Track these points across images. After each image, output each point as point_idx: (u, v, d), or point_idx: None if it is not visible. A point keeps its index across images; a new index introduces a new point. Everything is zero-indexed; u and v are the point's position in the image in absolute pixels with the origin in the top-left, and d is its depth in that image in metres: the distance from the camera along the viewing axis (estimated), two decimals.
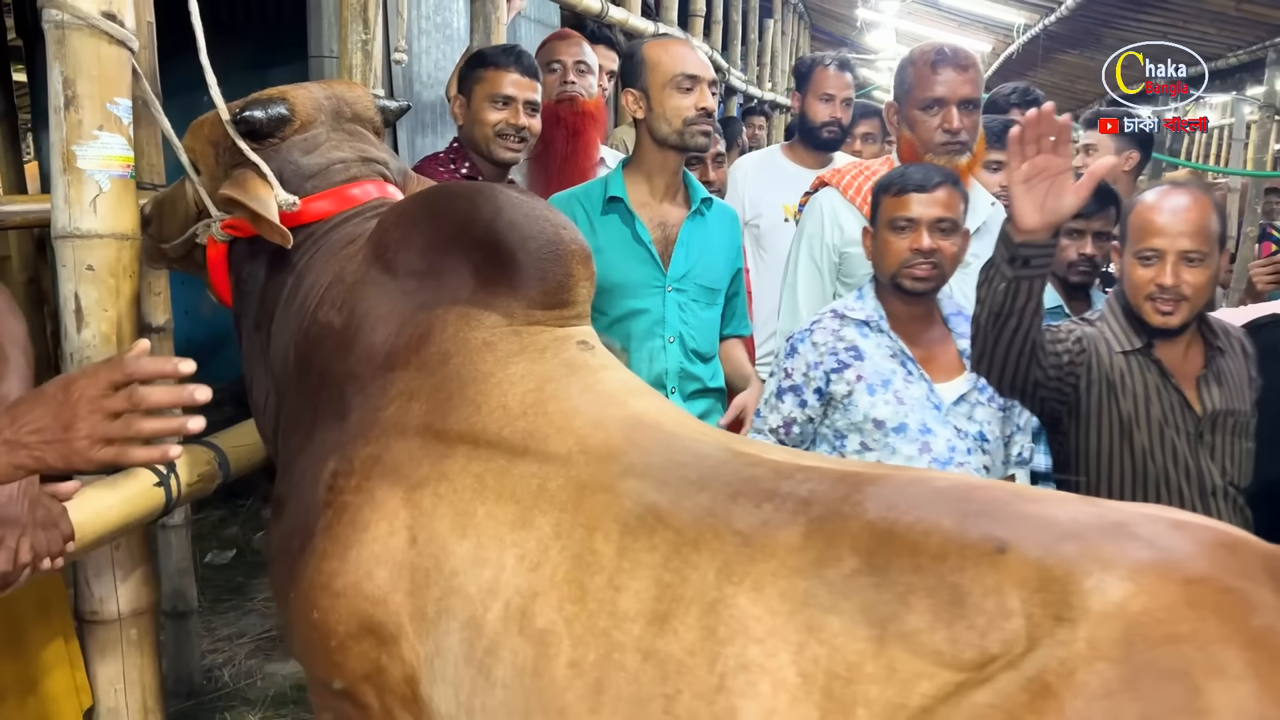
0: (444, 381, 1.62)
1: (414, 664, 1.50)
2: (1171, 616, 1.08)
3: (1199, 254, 2.06)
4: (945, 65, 2.54)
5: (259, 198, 1.75)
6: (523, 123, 2.63)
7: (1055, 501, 1.28)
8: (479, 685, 1.43)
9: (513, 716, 1.39)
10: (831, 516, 1.29)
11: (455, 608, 1.47)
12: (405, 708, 1.54)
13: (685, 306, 2.55)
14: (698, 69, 2.50)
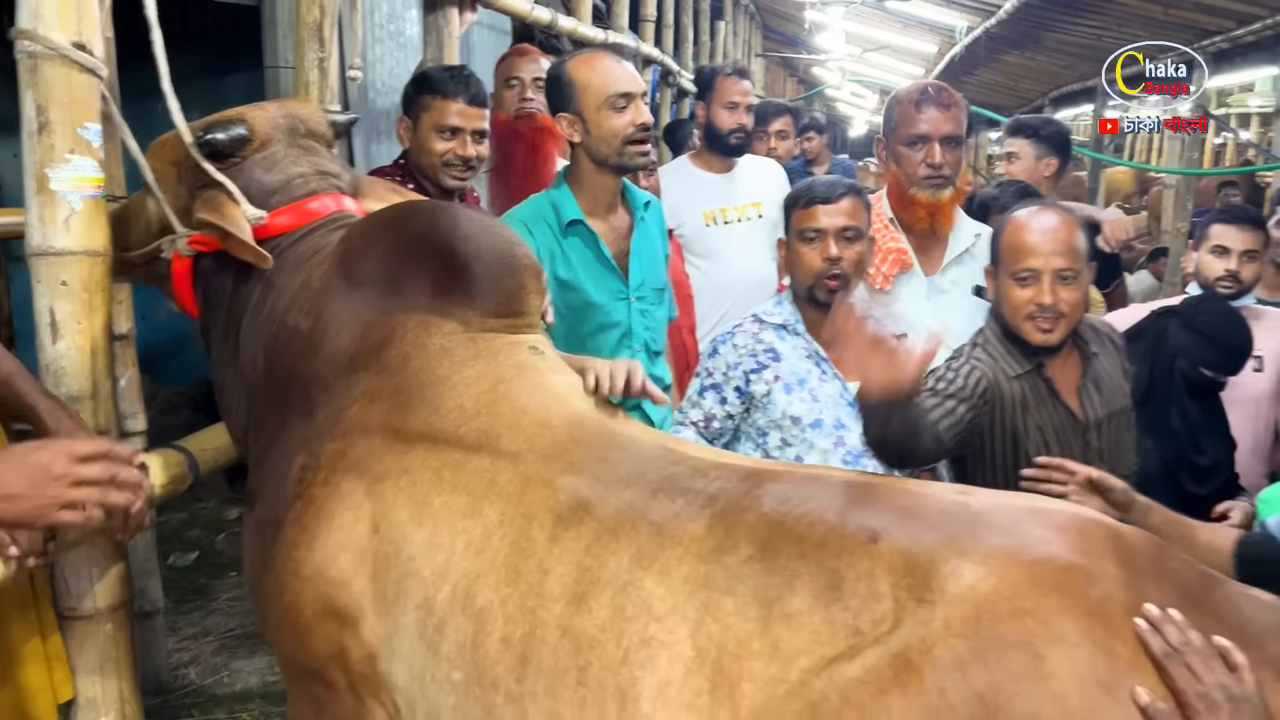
0: (404, 383, 1.74)
1: (374, 643, 1.62)
2: (1017, 594, 1.24)
3: (1072, 271, 2.16)
4: (929, 104, 2.68)
5: (234, 220, 1.85)
6: (470, 153, 2.63)
7: (928, 494, 1.44)
8: (429, 660, 1.56)
9: (455, 688, 1.53)
10: (733, 509, 1.45)
11: (411, 590, 1.59)
12: (366, 685, 1.65)
13: (645, 312, 2.67)
14: (629, 85, 2.50)
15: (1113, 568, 1.28)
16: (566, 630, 1.44)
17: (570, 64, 2.55)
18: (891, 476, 1.78)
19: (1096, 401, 2.26)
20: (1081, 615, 1.22)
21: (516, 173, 3.08)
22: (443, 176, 2.65)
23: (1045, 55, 8.92)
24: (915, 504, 1.41)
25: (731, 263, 3.55)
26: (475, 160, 2.67)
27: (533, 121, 3.14)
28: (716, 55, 9.25)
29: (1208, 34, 6.36)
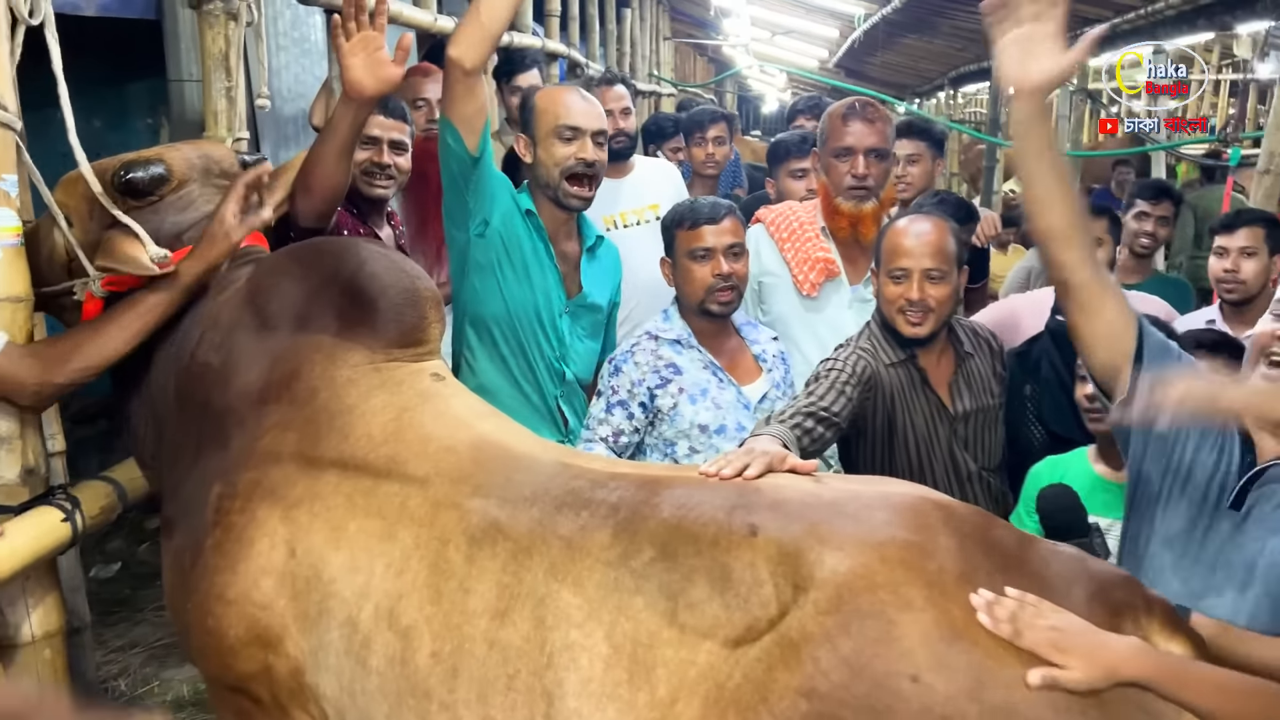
0: (314, 414, 1.87)
1: (299, 658, 1.76)
2: (869, 573, 1.44)
3: (940, 271, 2.36)
4: (855, 118, 2.88)
5: (131, 258, 1.94)
6: (387, 160, 2.73)
7: (791, 487, 1.63)
8: (357, 673, 1.70)
9: (387, 698, 1.67)
10: (634, 517, 1.61)
11: (334, 609, 1.73)
12: (293, 698, 1.79)
13: (582, 331, 2.77)
14: (582, 120, 2.58)
15: (946, 540, 1.48)
16: (494, 643, 1.59)
17: (540, 91, 2.72)
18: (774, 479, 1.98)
19: (966, 396, 2.47)
20: (923, 585, 1.42)
21: (430, 192, 3.13)
22: (363, 185, 2.73)
23: (942, 39, 9.25)
24: (783, 498, 1.60)
25: (632, 265, 3.66)
26: (394, 170, 2.77)
27: None
28: (624, 42, 9.34)
29: (1087, 21, 6.67)
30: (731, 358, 2.60)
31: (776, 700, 1.40)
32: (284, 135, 4.39)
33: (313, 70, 4.76)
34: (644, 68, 10.28)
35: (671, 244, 2.59)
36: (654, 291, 2.99)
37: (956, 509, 1.58)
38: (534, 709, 1.54)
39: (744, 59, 13.95)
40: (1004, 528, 1.60)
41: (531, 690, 1.55)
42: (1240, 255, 3.29)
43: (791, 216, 3.03)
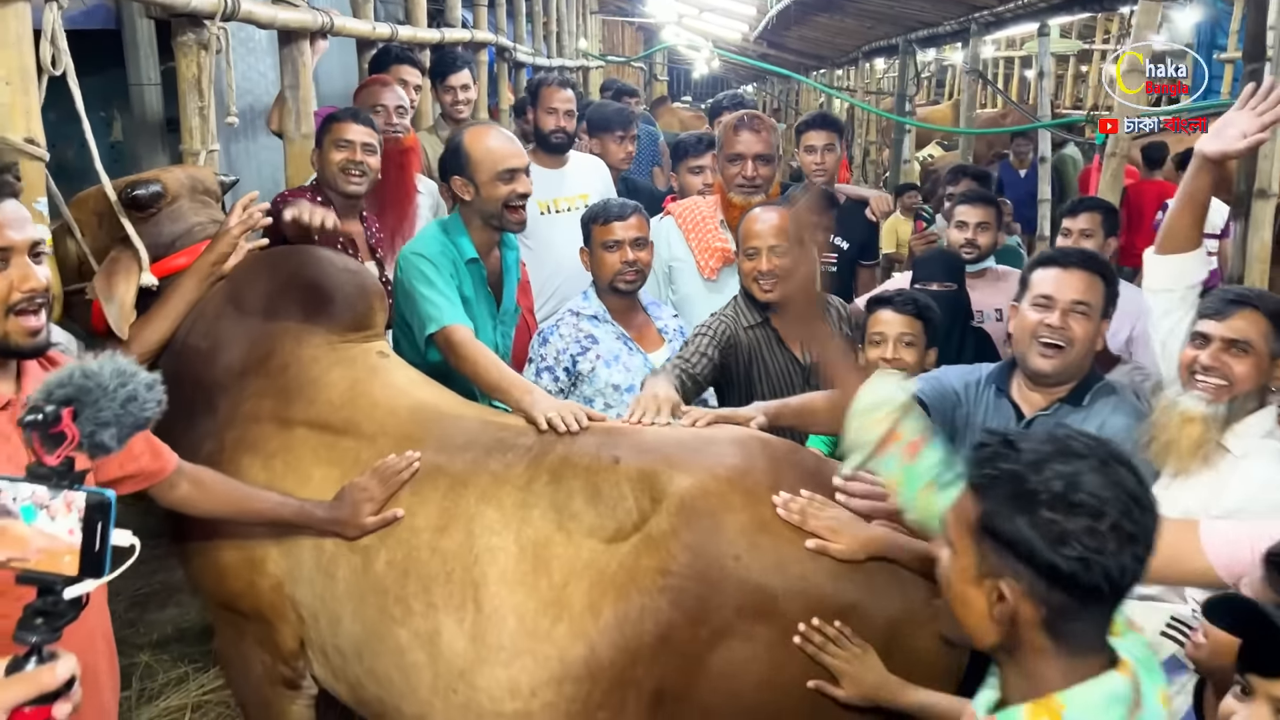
0: (285, 385, 2.37)
1: (279, 575, 2.27)
2: (705, 487, 2.02)
3: (782, 248, 2.91)
4: (744, 129, 3.46)
5: (118, 297, 2.42)
6: (360, 158, 3.15)
7: (649, 430, 2.20)
8: (327, 583, 2.22)
9: (352, 599, 2.19)
10: (540, 456, 2.16)
11: (305, 536, 2.24)
12: (274, 609, 2.30)
13: (505, 334, 3.26)
14: (514, 162, 2.91)
15: (762, 462, 2.08)
16: (435, 550, 2.13)
17: (467, 136, 2.98)
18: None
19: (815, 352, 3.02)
20: (743, 494, 2.01)
21: (387, 186, 3.58)
22: (341, 181, 3.16)
23: (851, 19, 9.80)
24: (642, 437, 2.19)
25: (562, 247, 4.00)
26: (366, 167, 3.21)
27: (399, 144, 3.67)
28: (552, 20, 9.72)
29: (976, 6, 7.25)
30: (639, 330, 3.14)
31: (641, 578, 1.97)
32: (233, 132, 4.80)
33: (257, 67, 5.15)
34: (571, 44, 10.66)
35: (588, 236, 3.11)
36: (576, 270, 3.41)
37: (772, 441, 2.18)
38: (465, 595, 2.08)
39: (672, 32, 14.37)
40: (807, 453, 2.20)
41: (464, 582, 2.09)
42: (1080, 237, 3.82)
43: (695, 211, 3.58)
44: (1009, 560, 1.29)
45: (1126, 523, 1.25)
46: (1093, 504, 1.25)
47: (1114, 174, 5.11)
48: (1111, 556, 1.24)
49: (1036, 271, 2.46)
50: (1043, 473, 1.28)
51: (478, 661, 2.05)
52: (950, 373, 2.60)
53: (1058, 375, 2.38)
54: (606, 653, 1.97)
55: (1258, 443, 2.11)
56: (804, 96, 17.93)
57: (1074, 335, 2.34)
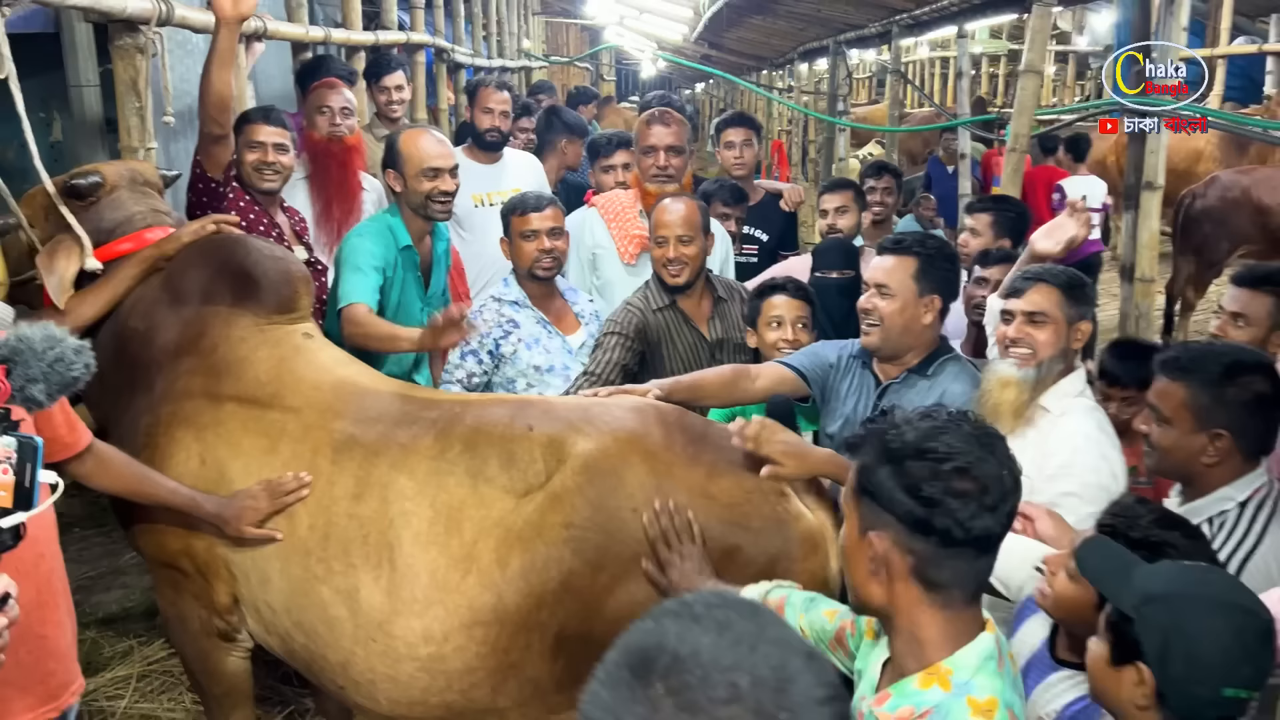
0: (216, 363, 2.58)
1: (212, 535, 2.47)
2: (606, 448, 2.26)
3: (688, 237, 3.16)
4: (655, 123, 3.73)
5: (58, 272, 2.62)
6: (272, 159, 3.35)
7: (559, 403, 2.43)
8: (257, 544, 2.42)
9: (279, 558, 2.40)
10: (448, 427, 2.39)
11: None
12: (208, 567, 2.50)
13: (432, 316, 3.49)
14: (439, 162, 3.23)
15: (656, 427, 2.32)
16: (353, 515, 2.35)
17: (402, 136, 3.33)
18: (549, 397, 2.78)
19: (719, 327, 3.28)
20: (640, 453, 2.26)
21: (331, 182, 3.86)
22: (255, 179, 3.39)
23: (783, 21, 10.11)
24: (551, 407, 2.43)
25: (494, 237, 4.27)
26: (279, 166, 3.42)
27: (342, 143, 3.91)
28: (491, 22, 9.89)
29: (896, 10, 7.57)
30: (557, 315, 3.38)
31: (547, 532, 2.21)
32: (173, 130, 4.94)
33: (195, 69, 5.27)
34: (512, 44, 10.84)
35: (507, 227, 3.34)
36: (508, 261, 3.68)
37: (663, 408, 2.43)
38: (381, 555, 2.30)
39: (614, 33, 14.60)
40: (694, 417, 2.46)
41: (380, 543, 2.31)
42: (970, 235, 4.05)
43: (616, 202, 3.83)
44: (878, 512, 1.43)
45: (973, 470, 1.39)
46: (941, 452, 1.40)
47: (1015, 168, 5.44)
48: (958, 499, 1.38)
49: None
50: (904, 432, 1.44)
51: (393, 613, 2.27)
52: (827, 345, 2.88)
53: (879, 349, 2.68)
54: (513, 599, 2.21)
55: (1072, 401, 2.40)
56: (748, 97, 18.28)
57: (880, 313, 2.63)
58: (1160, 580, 1.50)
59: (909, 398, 2.63)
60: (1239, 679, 1.43)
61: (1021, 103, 5.47)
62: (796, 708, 0.81)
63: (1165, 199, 6.21)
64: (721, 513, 2.22)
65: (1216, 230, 7.44)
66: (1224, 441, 2.09)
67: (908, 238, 2.77)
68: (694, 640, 0.85)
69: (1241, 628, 1.43)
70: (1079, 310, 2.42)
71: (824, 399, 2.79)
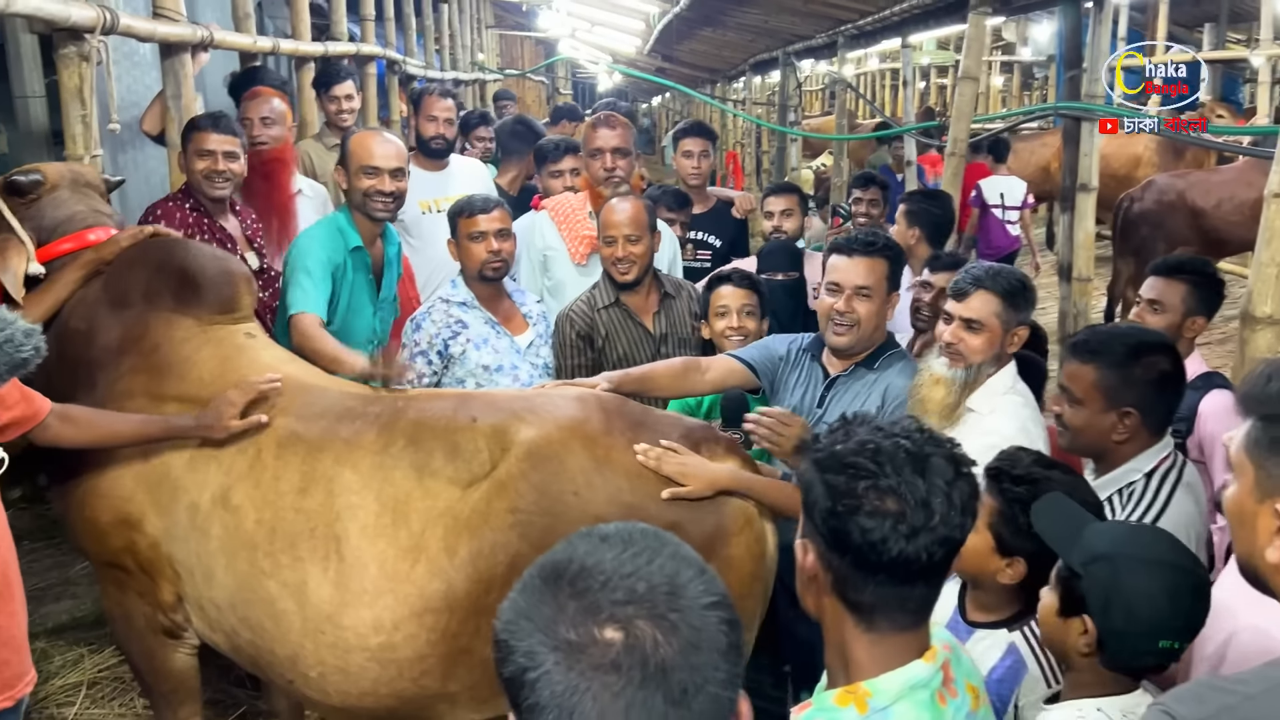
0: (158, 362, 2.61)
1: (155, 534, 2.49)
2: (548, 436, 2.32)
3: (636, 236, 3.24)
4: (600, 126, 3.84)
5: (9, 270, 2.64)
6: (222, 167, 3.40)
7: (502, 394, 2.50)
8: (201, 540, 2.45)
9: (225, 554, 2.43)
10: (390, 421, 2.43)
11: (180, 497, 2.48)
12: (152, 565, 2.52)
13: (384, 320, 3.54)
14: (380, 162, 3.30)
15: (596, 414, 2.39)
16: (299, 509, 2.38)
17: (353, 136, 3.42)
18: (491, 390, 2.84)
19: (664, 322, 3.36)
20: (581, 440, 2.32)
21: (257, 195, 3.87)
22: (205, 187, 3.43)
23: (732, 33, 10.26)
24: (494, 399, 2.49)
25: (442, 243, 4.32)
26: (230, 173, 3.47)
27: (260, 155, 3.90)
28: (444, 34, 9.92)
29: (841, 21, 7.73)
30: (505, 315, 3.42)
31: (493, 518, 2.27)
32: (120, 141, 4.96)
33: (143, 80, 5.30)
34: (465, 57, 10.88)
35: (455, 229, 3.38)
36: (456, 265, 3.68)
37: (604, 396, 2.50)
38: (329, 547, 2.34)
39: (568, 45, 14.68)
40: (634, 405, 2.53)
41: (326, 536, 2.35)
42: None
43: (566, 204, 3.90)
44: (807, 521, 1.36)
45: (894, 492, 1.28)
46: (864, 468, 1.29)
47: (954, 171, 5.59)
48: (871, 520, 1.27)
49: (830, 258, 2.81)
50: (837, 441, 1.35)
51: (342, 605, 2.31)
52: (778, 339, 2.96)
53: (851, 349, 2.75)
54: (462, 585, 2.26)
55: (999, 399, 2.48)
56: (703, 108, 18.44)
57: (859, 315, 2.70)
58: (1105, 540, 1.63)
59: (854, 389, 2.72)
60: (1172, 631, 1.57)
61: (959, 108, 5.62)
62: (685, 609, 0.91)
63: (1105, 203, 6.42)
64: (659, 491, 2.29)
65: (1153, 232, 7.63)
66: (1132, 419, 2.18)
67: (878, 238, 2.82)
68: (599, 554, 0.95)
69: (1176, 585, 1.56)
70: (1018, 316, 2.50)
71: (773, 391, 2.87)
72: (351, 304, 3.38)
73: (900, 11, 6.67)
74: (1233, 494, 1.32)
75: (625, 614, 0.90)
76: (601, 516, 2.22)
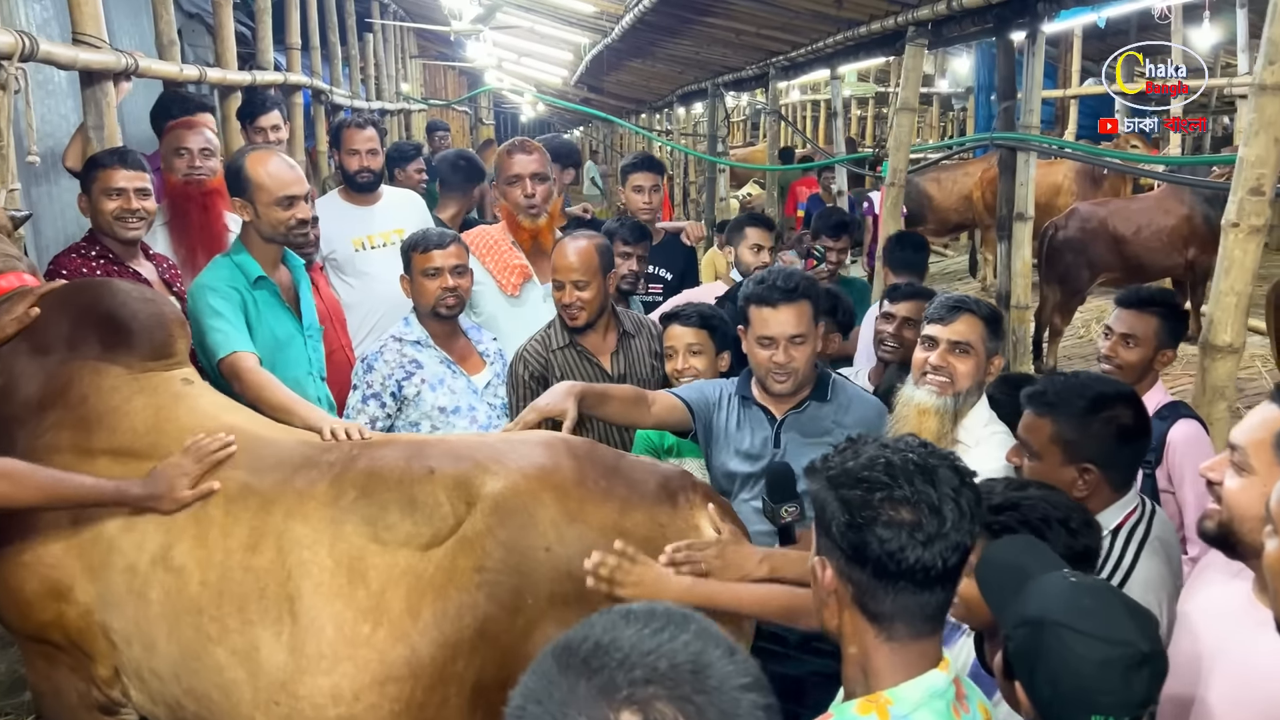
0: (85, 415, 2.40)
1: (87, 602, 2.29)
2: (516, 486, 2.17)
3: (585, 281, 3.10)
4: (516, 152, 3.66)
5: None
6: (135, 206, 3.19)
7: (460, 440, 2.34)
8: (139, 605, 2.26)
9: (167, 620, 2.23)
10: (343, 471, 2.27)
11: (114, 561, 2.28)
12: (83, 636, 2.31)
13: (315, 347, 3.33)
14: (296, 189, 3.06)
15: (567, 460, 2.24)
16: (248, 568, 2.20)
17: (248, 160, 3.08)
18: (447, 436, 2.68)
19: (622, 362, 3.23)
20: (551, 490, 2.17)
21: (192, 228, 3.65)
22: (118, 229, 3.21)
23: (662, 64, 10.28)
24: (454, 447, 2.32)
25: (378, 281, 4.13)
26: (143, 211, 3.25)
27: (202, 186, 3.70)
28: (369, 64, 9.77)
29: (773, 53, 7.77)
30: (461, 354, 3.27)
31: (459, 577, 2.11)
32: (34, 174, 4.70)
33: (58, 109, 5.05)
34: (390, 87, 10.73)
35: (409, 264, 3.21)
36: (396, 303, 3.54)
37: (573, 441, 2.35)
38: (281, 609, 2.16)
39: (494, 76, 14.61)
40: (605, 449, 2.39)
41: (278, 597, 2.17)
42: None
43: (486, 236, 3.71)
44: (822, 539, 1.43)
45: (908, 501, 1.36)
46: (877, 480, 1.37)
47: (894, 201, 5.61)
48: (888, 530, 1.35)
49: (752, 309, 2.64)
50: (847, 458, 1.42)
51: (298, 672, 2.13)
52: (710, 384, 2.85)
53: (791, 393, 2.66)
54: (427, 650, 2.10)
55: (982, 432, 2.42)
56: (626, 139, 18.45)
57: (798, 363, 2.61)
58: (1037, 603, 1.47)
59: (814, 422, 2.65)
60: (1103, 707, 1.41)
61: (898, 138, 5.66)
62: (713, 691, 0.85)
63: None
64: (638, 547, 2.16)
65: (1078, 259, 7.77)
66: (1092, 475, 2.11)
67: (795, 281, 2.66)
68: (617, 630, 0.89)
69: (1107, 659, 1.41)
70: (996, 344, 2.45)
71: (708, 434, 2.76)
72: (277, 338, 3.16)
73: (834, 44, 6.71)
74: (1275, 550, 1.27)
75: (644, 694, 0.83)
76: (574, 573, 2.09)
